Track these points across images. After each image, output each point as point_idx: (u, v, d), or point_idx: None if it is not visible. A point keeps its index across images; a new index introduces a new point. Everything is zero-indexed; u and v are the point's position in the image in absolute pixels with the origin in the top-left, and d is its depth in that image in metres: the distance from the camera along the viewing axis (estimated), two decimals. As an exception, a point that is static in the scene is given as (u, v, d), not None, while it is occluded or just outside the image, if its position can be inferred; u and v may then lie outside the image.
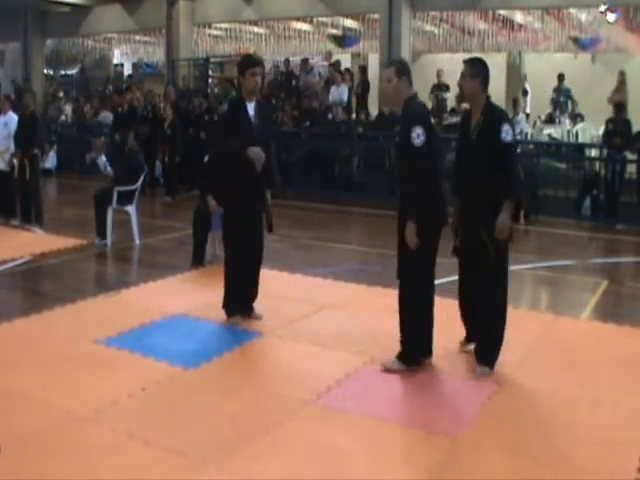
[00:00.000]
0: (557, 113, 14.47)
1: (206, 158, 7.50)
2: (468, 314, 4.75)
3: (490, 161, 4.40)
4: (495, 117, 4.46)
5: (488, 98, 4.56)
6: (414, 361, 4.54)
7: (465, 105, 12.47)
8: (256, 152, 5.17)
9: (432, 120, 4.52)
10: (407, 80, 4.47)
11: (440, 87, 14.18)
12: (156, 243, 8.35)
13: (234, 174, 5.24)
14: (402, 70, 4.47)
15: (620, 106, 10.61)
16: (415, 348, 4.56)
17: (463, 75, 4.52)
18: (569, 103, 14.59)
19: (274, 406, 4.03)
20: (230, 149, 5.23)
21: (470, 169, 4.56)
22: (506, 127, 4.39)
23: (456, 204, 4.70)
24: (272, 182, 5.52)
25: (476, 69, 4.51)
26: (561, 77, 14.84)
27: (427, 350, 4.61)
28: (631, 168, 10.50)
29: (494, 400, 4.17)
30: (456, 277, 4.90)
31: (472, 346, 4.73)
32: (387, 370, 4.51)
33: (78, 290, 6.32)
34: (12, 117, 9.27)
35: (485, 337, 4.59)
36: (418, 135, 4.25)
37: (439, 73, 14.46)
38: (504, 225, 4.39)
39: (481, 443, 3.66)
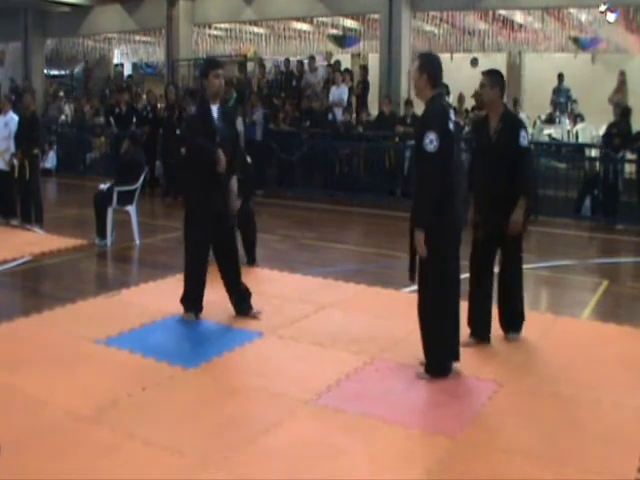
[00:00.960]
0: (557, 113, 14.46)
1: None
2: (480, 307, 4.99)
3: (508, 162, 4.84)
4: (513, 124, 4.98)
5: (505, 105, 5.10)
6: (442, 371, 4.43)
7: (477, 112, 12.53)
8: (220, 155, 5.25)
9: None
10: (428, 78, 4.37)
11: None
12: (156, 243, 8.36)
13: (199, 173, 5.33)
14: (424, 67, 4.40)
15: (627, 111, 10.62)
16: (442, 358, 4.46)
17: (483, 85, 5.00)
18: (569, 103, 14.60)
19: (274, 406, 4.03)
20: (202, 147, 5.31)
21: (489, 168, 4.92)
22: (523, 133, 4.90)
23: (472, 200, 5.07)
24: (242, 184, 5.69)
25: (495, 79, 4.98)
26: (561, 77, 14.84)
27: (455, 353, 4.52)
28: (631, 168, 10.51)
29: (494, 400, 4.16)
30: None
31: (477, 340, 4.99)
32: (421, 379, 4.44)
33: (78, 290, 6.32)
34: (12, 117, 9.27)
35: (513, 309, 5.07)
36: (431, 141, 4.21)
37: None
38: (518, 220, 4.86)
39: (481, 443, 3.66)
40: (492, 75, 5.02)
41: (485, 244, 4.96)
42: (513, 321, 5.11)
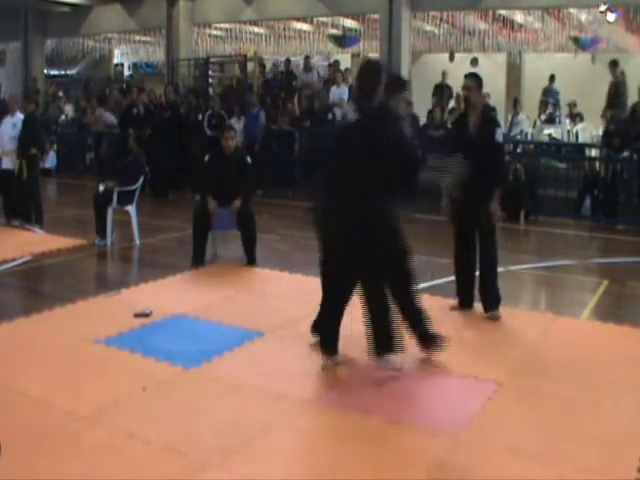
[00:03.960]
0: (556, 113, 14.42)
1: (206, 157, 7.51)
2: (465, 283, 5.69)
3: (484, 156, 5.32)
4: (491, 122, 5.62)
5: (483, 105, 5.76)
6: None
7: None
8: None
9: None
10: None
11: (442, 88, 14.17)
12: (156, 243, 8.35)
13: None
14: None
15: (633, 112, 10.65)
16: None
17: (470, 87, 5.51)
18: (556, 106, 14.57)
19: (274, 406, 4.03)
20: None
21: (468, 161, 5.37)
22: (499, 130, 5.58)
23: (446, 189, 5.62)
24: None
25: (480, 82, 5.53)
26: (552, 78, 14.84)
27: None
28: (631, 167, 10.50)
29: (494, 400, 4.16)
30: (453, 277, 5.82)
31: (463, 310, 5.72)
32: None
33: (78, 290, 6.32)
34: (20, 118, 9.29)
35: (491, 289, 5.58)
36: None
37: (444, 74, 14.51)
38: (496, 210, 5.48)
39: (481, 443, 3.66)
40: (477, 78, 5.57)
41: (464, 230, 5.57)
42: (491, 301, 5.60)
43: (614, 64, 12.42)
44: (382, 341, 4.47)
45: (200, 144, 11.68)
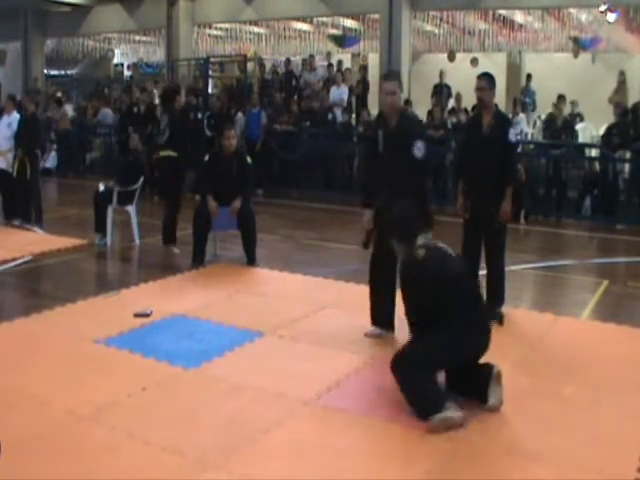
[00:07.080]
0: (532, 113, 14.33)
1: (206, 157, 7.51)
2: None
3: (497, 154, 5.45)
4: (504, 121, 5.66)
5: (496, 105, 5.69)
6: None
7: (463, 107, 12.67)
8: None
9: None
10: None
11: (441, 87, 14.16)
12: (156, 243, 8.34)
13: None
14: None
15: (626, 112, 10.64)
16: None
17: (483, 88, 5.52)
18: (533, 104, 14.54)
19: (274, 406, 4.03)
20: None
21: (481, 160, 5.52)
22: (511, 130, 5.66)
23: (460, 186, 5.76)
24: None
25: (493, 82, 5.57)
26: (529, 77, 14.89)
27: None
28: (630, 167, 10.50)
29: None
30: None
31: None
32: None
33: (78, 290, 6.32)
34: (16, 117, 9.28)
35: (497, 287, 5.63)
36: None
37: (441, 74, 14.49)
38: (508, 208, 5.53)
39: (481, 443, 3.66)
40: (490, 78, 5.58)
41: (473, 227, 5.62)
42: (499, 299, 5.65)
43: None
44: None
45: (199, 144, 11.68)
